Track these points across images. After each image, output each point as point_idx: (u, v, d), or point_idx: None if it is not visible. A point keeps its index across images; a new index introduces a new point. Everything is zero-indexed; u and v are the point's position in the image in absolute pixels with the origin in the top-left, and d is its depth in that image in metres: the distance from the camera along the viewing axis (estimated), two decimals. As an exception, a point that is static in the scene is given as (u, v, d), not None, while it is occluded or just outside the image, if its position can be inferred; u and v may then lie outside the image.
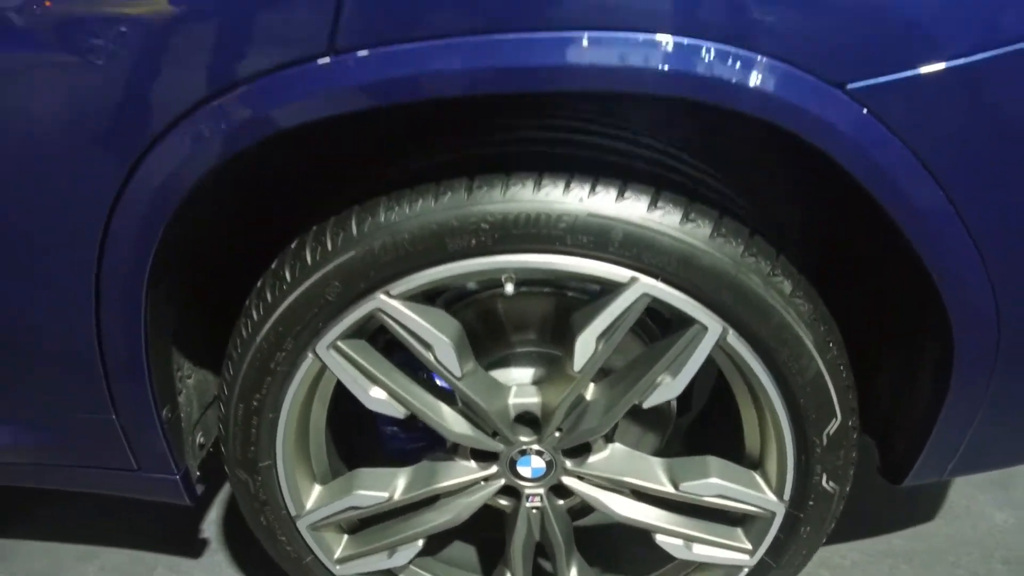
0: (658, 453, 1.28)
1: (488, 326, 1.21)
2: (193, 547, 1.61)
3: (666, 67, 0.80)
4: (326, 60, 0.80)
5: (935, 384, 1.06)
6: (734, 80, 0.79)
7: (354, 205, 0.97)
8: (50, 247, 0.99)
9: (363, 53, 0.80)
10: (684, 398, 1.17)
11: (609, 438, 1.19)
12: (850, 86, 0.80)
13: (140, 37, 0.83)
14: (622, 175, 0.94)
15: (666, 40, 0.79)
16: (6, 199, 0.96)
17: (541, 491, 1.20)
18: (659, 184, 0.94)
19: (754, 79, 0.79)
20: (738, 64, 0.79)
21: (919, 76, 0.79)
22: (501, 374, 1.18)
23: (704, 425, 1.38)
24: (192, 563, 1.58)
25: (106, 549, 1.62)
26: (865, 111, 0.81)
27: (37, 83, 0.87)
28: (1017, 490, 1.76)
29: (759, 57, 0.79)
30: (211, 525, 1.67)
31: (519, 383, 1.17)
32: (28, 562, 1.60)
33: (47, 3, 0.83)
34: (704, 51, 0.79)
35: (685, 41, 0.79)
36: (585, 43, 0.79)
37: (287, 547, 1.24)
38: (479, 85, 0.83)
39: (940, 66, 0.79)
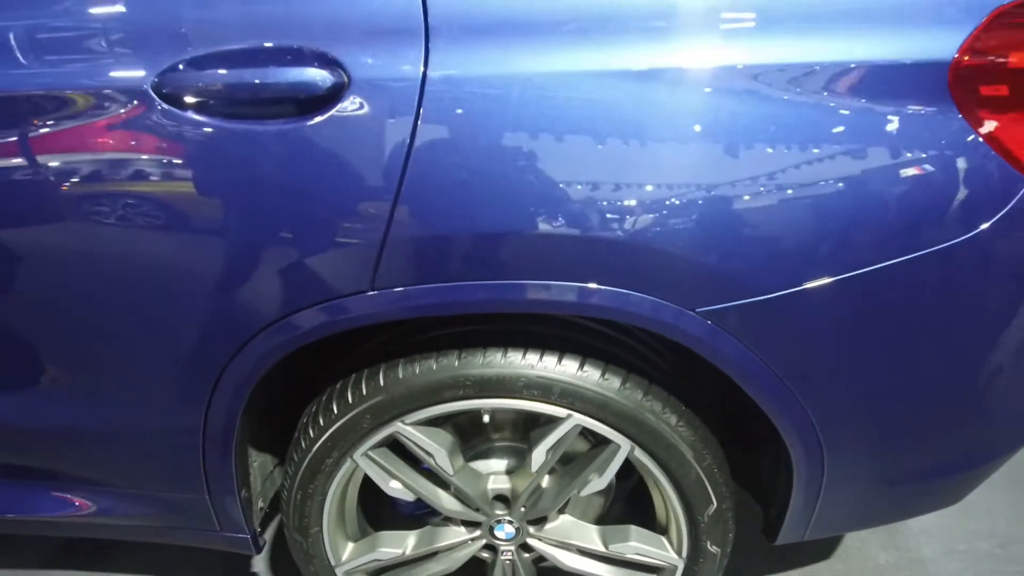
0: (605, 511, 1.74)
1: (475, 426, 1.66)
2: (246, 579, 2.06)
3: (589, 303, 1.25)
4: (374, 292, 1.26)
5: (788, 473, 1.51)
6: (622, 308, 1.25)
7: (381, 363, 1.43)
8: (174, 390, 1.42)
9: (400, 289, 1.25)
10: (627, 470, 1.63)
11: (561, 510, 1.64)
12: (698, 309, 1.25)
13: (247, 272, 1.28)
14: (560, 348, 1.39)
15: (593, 287, 1.23)
16: (150, 358, 1.39)
17: (512, 548, 1.65)
18: (585, 353, 1.40)
19: (635, 307, 1.25)
20: (624, 299, 1.24)
21: (742, 304, 1.24)
22: (482, 464, 1.63)
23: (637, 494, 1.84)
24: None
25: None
26: (712, 325, 1.26)
27: (198, 290, 1.30)
28: (900, 534, 2.15)
29: (636, 295, 1.24)
30: (259, 562, 2.13)
31: (495, 471, 1.62)
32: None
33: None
34: (613, 293, 1.23)
35: (599, 287, 1.23)
36: (535, 288, 1.24)
37: (329, 587, 1.70)
38: (463, 308, 1.29)
39: (754, 299, 1.23)
